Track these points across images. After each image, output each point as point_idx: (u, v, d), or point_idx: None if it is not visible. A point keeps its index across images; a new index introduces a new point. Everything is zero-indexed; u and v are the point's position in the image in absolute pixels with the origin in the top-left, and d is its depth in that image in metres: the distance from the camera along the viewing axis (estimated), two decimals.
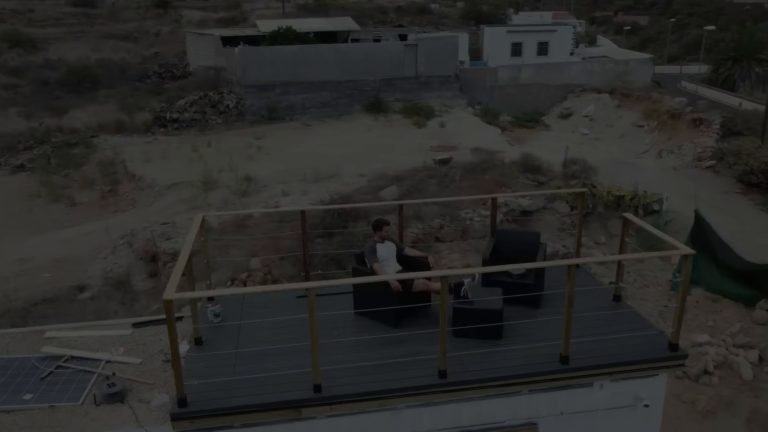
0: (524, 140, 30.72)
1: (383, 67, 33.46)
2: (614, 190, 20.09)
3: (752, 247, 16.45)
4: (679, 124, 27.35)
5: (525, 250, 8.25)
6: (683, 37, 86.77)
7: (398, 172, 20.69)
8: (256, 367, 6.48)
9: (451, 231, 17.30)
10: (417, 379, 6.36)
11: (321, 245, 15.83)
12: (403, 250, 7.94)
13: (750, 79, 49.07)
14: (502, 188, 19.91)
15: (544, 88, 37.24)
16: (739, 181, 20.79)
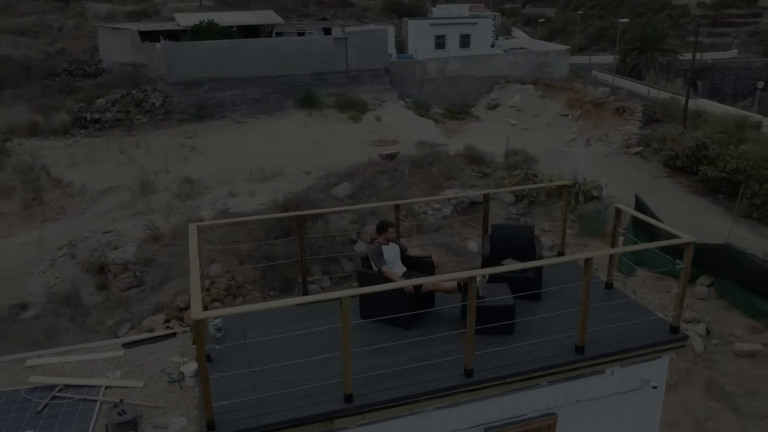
0: (457, 132, 31.28)
1: (314, 61, 33.01)
2: (555, 178, 20.86)
3: (686, 227, 17.53)
4: (603, 113, 28.78)
5: (522, 245, 8.43)
6: (587, 29, 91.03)
7: (346, 168, 20.55)
8: (278, 382, 6.25)
9: (408, 226, 17.38)
10: (445, 380, 6.36)
11: (282, 248, 15.48)
12: (406, 251, 7.89)
13: (654, 68, 52.35)
14: (449, 181, 20.24)
15: (470, 80, 38.05)
16: (665, 165, 22.17)
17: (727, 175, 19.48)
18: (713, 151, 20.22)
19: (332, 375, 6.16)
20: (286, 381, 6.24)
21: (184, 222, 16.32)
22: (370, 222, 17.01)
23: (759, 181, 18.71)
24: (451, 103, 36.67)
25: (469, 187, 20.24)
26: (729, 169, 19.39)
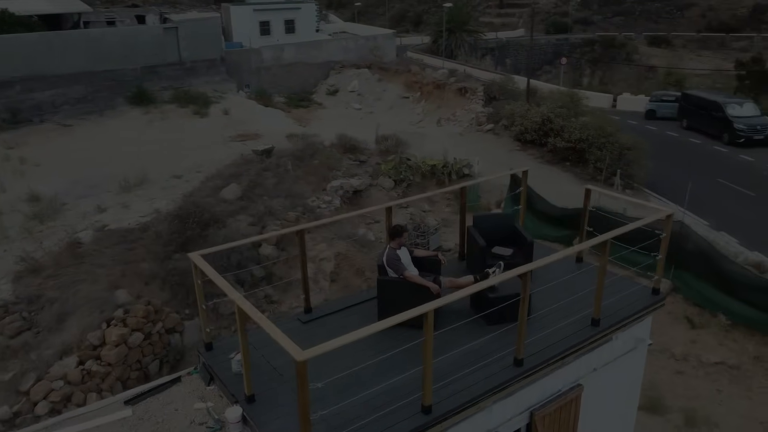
0: (307, 120, 31.05)
1: (143, 53, 30.26)
2: (428, 160, 21.83)
3: (554, 194, 19.56)
4: (445, 94, 30.55)
5: (505, 232, 8.87)
6: (389, 11, 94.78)
7: (222, 169, 19.44)
8: (343, 408, 5.98)
9: (307, 222, 17.04)
10: (500, 374, 6.58)
11: (181, 261, 14.30)
12: (413, 252, 7.89)
13: (464, 48, 56.64)
14: (332, 171, 20.16)
15: (307, 67, 37.80)
16: (516, 140, 24.32)
17: (573, 145, 22.02)
18: (558, 124, 22.70)
19: (401, 389, 6.08)
20: (352, 404, 6.00)
21: (61, 247, 14.33)
22: (269, 223, 16.40)
23: (599, 148, 21.44)
24: (290, 91, 36.17)
25: (351, 176, 20.36)
26: (574, 139, 21.94)
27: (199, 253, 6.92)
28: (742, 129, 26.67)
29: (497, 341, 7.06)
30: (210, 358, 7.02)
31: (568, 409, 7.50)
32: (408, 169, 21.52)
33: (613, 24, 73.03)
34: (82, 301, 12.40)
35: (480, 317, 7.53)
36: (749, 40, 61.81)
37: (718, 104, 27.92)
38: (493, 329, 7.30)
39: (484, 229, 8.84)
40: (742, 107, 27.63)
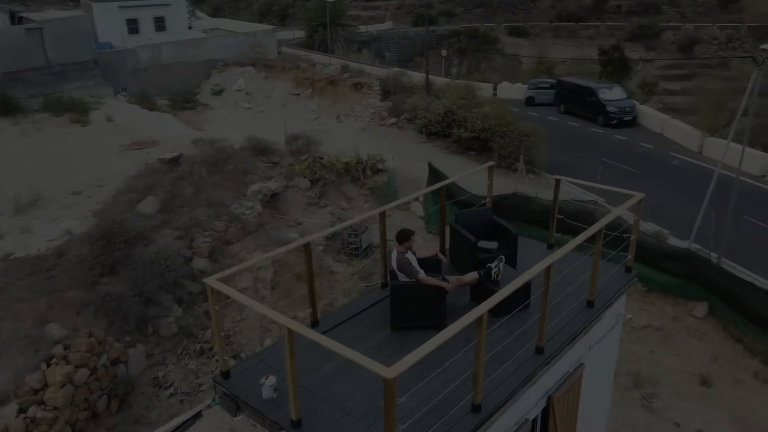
0: (198, 123, 29.67)
1: (4, 57, 27.16)
2: (341, 157, 21.80)
3: (468, 184, 20.34)
4: (339, 89, 30.52)
5: (487, 225, 9.19)
6: (252, 5, 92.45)
7: (127, 180, 18.10)
8: (400, 417, 5.98)
9: (236, 230, 16.41)
10: (527, 364, 6.89)
11: (112, 285, 13.25)
12: (416, 254, 7.95)
13: (340, 42, 56.72)
14: (248, 176, 19.54)
15: (187, 66, 35.97)
16: (420, 132, 24.93)
17: (477, 135, 23.02)
18: (460, 115, 23.59)
19: (441, 390, 6.21)
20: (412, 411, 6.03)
21: None
22: (198, 235, 15.59)
23: (501, 137, 22.62)
24: (171, 93, 34.25)
25: (267, 179, 19.83)
26: (477, 129, 22.94)
27: (216, 277, 6.50)
28: (614, 111, 29.36)
29: (509, 332, 7.38)
30: (232, 386, 6.65)
31: (574, 388, 8.00)
32: (322, 167, 21.36)
33: (475, 15, 76.74)
34: (8, 341, 11.08)
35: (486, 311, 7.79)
36: (595, 28, 67.74)
37: (591, 89, 30.50)
38: (497, 321, 7.60)
39: (466, 225, 9.08)
40: (612, 91, 30.41)
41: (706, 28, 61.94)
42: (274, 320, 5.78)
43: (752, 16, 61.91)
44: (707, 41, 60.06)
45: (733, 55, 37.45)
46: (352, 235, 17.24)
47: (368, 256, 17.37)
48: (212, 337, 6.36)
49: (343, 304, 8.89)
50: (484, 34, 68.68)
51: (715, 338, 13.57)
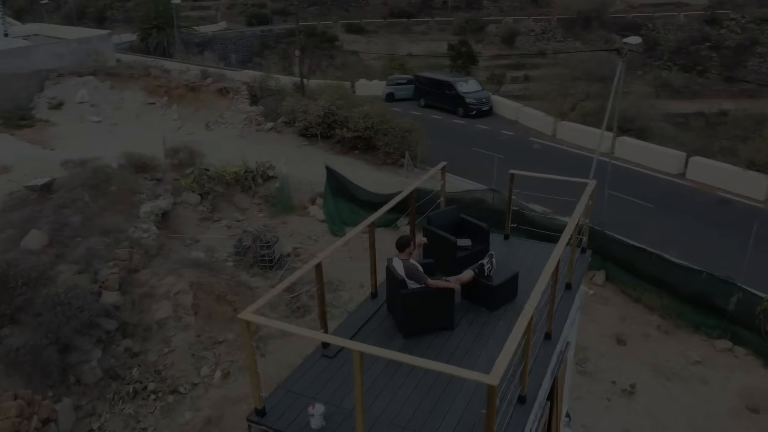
0: (45, 142, 26.64)
1: None
2: (229, 168, 20.93)
3: (366, 182, 20.61)
4: (202, 96, 29.02)
5: (459, 224, 9.52)
6: (60, 7, 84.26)
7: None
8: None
9: (140, 256, 15.11)
10: (542, 351, 7.37)
11: (20, 334, 11.67)
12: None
13: (178, 46, 53.71)
14: (136, 195, 18.06)
15: (15, 79, 31.86)
16: (301, 135, 24.62)
17: (360, 134, 23.33)
18: (341, 116, 23.70)
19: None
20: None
21: None
22: (101, 267, 14.14)
23: (385, 134, 23.17)
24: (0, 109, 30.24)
25: (155, 197, 18.45)
26: (360, 128, 23.25)
27: (250, 310, 6.10)
28: (473, 103, 31.34)
29: (506, 323, 7.81)
30: (273, 422, 6.30)
31: (565, 365, 8.68)
32: (210, 180, 20.36)
33: (310, 13, 76.86)
34: None
35: (480, 306, 8.17)
36: (426, 24, 71.32)
37: (450, 83, 32.25)
38: (497, 314, 8.04)
39: (439, 226, 9.34)
40: (468, 84, 32.43)
41: (523, 21, 67.93)
42: (344, 345, 5.59)
43: (559, 9, 68.98)
44: (525, 33, 65.95)
45: (599, 48, 41.69)
46: (264, 246, 16.70)
47: (282, 267, 16.97)
48: (249, 373, 5.90)
49: (338, 323, 8.66)
50: (322, 32, 69.15)
51: (617, 301, 15.25)
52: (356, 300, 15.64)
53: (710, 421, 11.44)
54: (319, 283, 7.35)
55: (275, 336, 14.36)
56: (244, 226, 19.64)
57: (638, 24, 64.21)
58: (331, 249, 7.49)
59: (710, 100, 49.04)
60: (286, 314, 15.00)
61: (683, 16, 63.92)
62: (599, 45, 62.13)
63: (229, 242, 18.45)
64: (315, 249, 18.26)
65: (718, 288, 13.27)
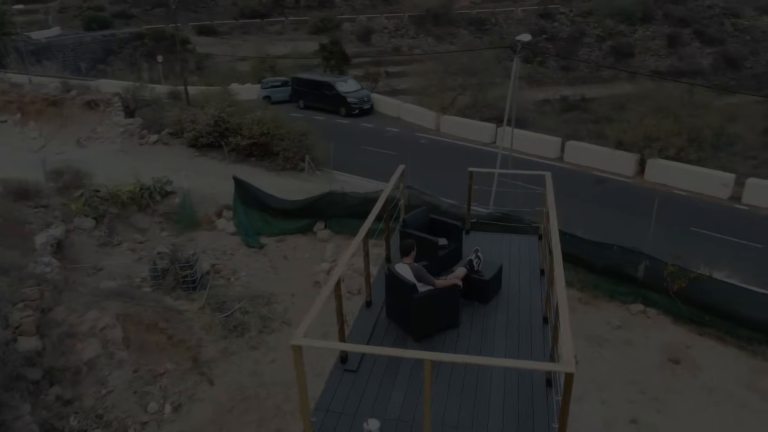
0: None
1: None
2: (122, 187, 19.46)
3: (270, 190, 20.08)
4: (66, 110, 26.37)
5: (432, 224, 9.78)
6: None
7: None
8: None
9: (50, 294, 13.63)
10: (545, 338, 7.90)
11: None
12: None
13: (13, 55, 48.14)
14: (26, 226, 16.22)
15: None
16: (191, 146, 23.35)
17: (255, 140, 22.68)
18: (233, 123, 22.85)
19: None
20: None
21: None
22: (12, 312, 12.60)
23: (281, 139, 22.76)
24: None
25: (47, 225, 16.68)
26: (256, 134, 22.61)
27: (300, 334, 5.89)
28: (354, 102, 31.70)
29: (504, 314, 8.29)
30: None
31: None
32: (102, 201, 18.79)
33: (155, 16, 72.56)
34: None
35: (472, 300, 8.53)
36: (281, 24, 70.56)
37: (330, 83, 32.32)
38: (491, 307, 8.48)
39: (415, 227, 9.54)
40: (348, 83, 32.72)
41: (376, 19, 69.61)
42: (417, 357, 5.61)
43: (409, 7, 71.52)
44: (380, 30, 67.67)
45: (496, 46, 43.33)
46: (185, 267, 15.80)
47: (206, 287, 16.16)
48: (300, 401, 5.62)
49: None
50: (171, 34, 65.69)
51: None
52: (292, 311, 15.47)
53: (642, 375, 12.83)
54: (338, 301, 7.20)
55: (217, 359, 13.77)
56: (148, 247, 18.44)
57: (482, 19, 68.54)
58: (341, 265, 7.32)
59: (552, 87, 53.87)
60: (223, 335, 14.37)
61: (521, 10, 69.10)
62: (449, 39, 65.73)
63: (138, 266, 17.25)
64: (234, 264, 17.65)
65: (627, 258, 14.82)
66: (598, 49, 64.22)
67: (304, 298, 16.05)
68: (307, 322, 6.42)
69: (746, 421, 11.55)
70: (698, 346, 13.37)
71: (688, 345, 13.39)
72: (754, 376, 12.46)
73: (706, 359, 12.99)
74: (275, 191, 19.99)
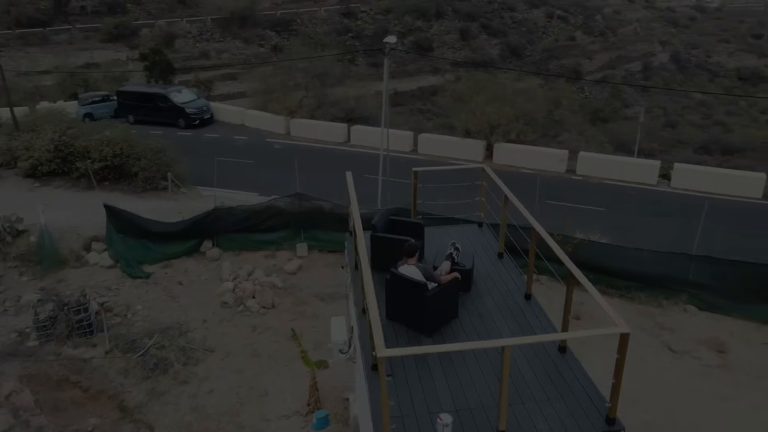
0: None
1: None
2: None
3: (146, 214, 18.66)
4: None
5: (396, 225, 10.17)
6: None
7: None
8: None
9: None
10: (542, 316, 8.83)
11: None
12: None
13: None
14: None
15: None
16: (28, 176, 20.50)
17: (109, 162, 20.69)
18: (79, 146, 20.54)
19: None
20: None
21: None
22: None
23: (138, 158, 21.09)
24: None
25: None
26: (109, 156, 20.62)
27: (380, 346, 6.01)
28: (194, 112, 30.28)
29: (489, 298, 9.09)
30: None
31: None
32: None
33: None
34: None
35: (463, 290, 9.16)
36: (68, 32, 63.96)
37: (163, 95, 30.40)
38: (475, 293, 9.20)
39: (384, 231, 9.86)
40: (183, 94, 31.07)
41: (177, 23, 66.40)
42: (495, 345, 6.02)
43: (210, 10, 69.28)
44: (183, 35, 64.70)
45: (367, 49, 42.46)
46: (78, 311, 14.19)
47: (104, 329, 14.65)
48: (383, 411, 5.59)
49: None
50: None
51: None
52: (212, 337, 14.80)
53: None
54: (373, 311, 7.30)
55: (147, 402, 12.77)
56: (11, 297, 16.21)
57: (288, 20, 68.96)
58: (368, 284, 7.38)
59: (365, 83, 56.15)
60: (145, 375, 13.29)
61: (323, 10, 70.73)
62: (257, 41, 65.14)
63: (7, 320, 15.13)
64: (124, 299, 16.22)
65: None
66: (401, 44, 68.09)
67: (218, 321, 15.43)
68: (379, 334, 6.50)
69: (643, 353, 13.74)
70: (589, 303, 15.47)
71: (581, 302, 15.41)
72: (637, 319, 14.82)
73: (598, 310, 15.08)
74: (145, 214, 18.64)
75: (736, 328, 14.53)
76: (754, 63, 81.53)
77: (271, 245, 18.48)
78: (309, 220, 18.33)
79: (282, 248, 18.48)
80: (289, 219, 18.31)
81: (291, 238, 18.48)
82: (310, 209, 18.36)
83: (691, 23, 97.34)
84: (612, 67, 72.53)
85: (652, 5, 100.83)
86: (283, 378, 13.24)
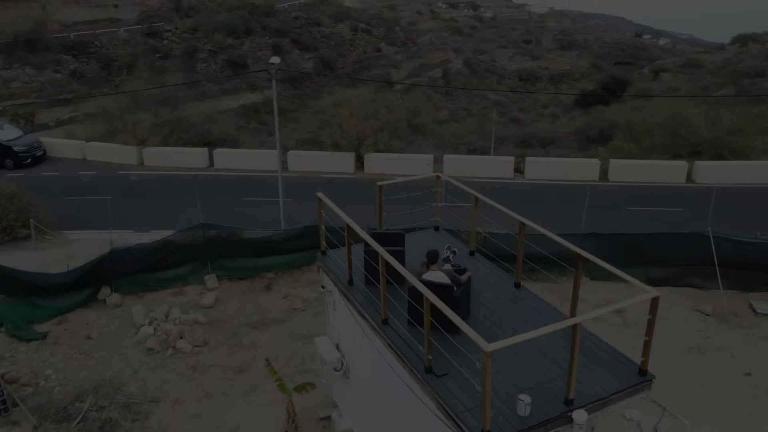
0: None
1: None
2: None
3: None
4: None
5: (377, 237, 10.59)
6: None
7: None
8: None
9: None
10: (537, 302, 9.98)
11: None
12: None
13: None
14: None
15: None
16: None
17: None
18: None
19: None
20: None
21: None
22: None
23: None
24: None
25: None
26: None
27: (497, 346, 6.60)
28: (24, 151, 26.91)
29: (484, 292, 10.08)
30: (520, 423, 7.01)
31: None
32: None
33: None
34: None
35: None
36: None
37: None
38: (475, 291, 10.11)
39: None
40: (5, 130, 27.38)
41: None
42: (566, 326, 6.89)
43: None
44: None
45: (251, 72, 38.32)
46: None
47: (15, 403, 12.87)
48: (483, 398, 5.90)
49: None
50: None
51: None
52: (151, 386, 13.86)
53: None
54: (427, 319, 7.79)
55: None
56: None
57: (84, 42, 63.63)
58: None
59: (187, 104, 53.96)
60: None
61: (124, 31, 66.33)
62: (52, 67, 59.10)
63: None
64: (27, 366, 14.29)
65: None
66: (214, 63, 66.47)
67: (151, 369, 14.36)
68: (473, 332, 7.01)
69: None
70: None
71: None
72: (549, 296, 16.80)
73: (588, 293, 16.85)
74: None
75: (620, 290, 17.20)
76: (530, 65, 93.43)
77: (176, 281, 17.52)
78: (215, 250, 17.71)
79: (189, 283, 17.62)
80: (195, 251, 17.53)
81: (197, 270, 17.72)
82: (213, 238, 17.77)
83: (473, 32, 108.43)
84: (417, 74, 78.11)
85: (437, 16, 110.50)
86: (249, 412, 12.86)
